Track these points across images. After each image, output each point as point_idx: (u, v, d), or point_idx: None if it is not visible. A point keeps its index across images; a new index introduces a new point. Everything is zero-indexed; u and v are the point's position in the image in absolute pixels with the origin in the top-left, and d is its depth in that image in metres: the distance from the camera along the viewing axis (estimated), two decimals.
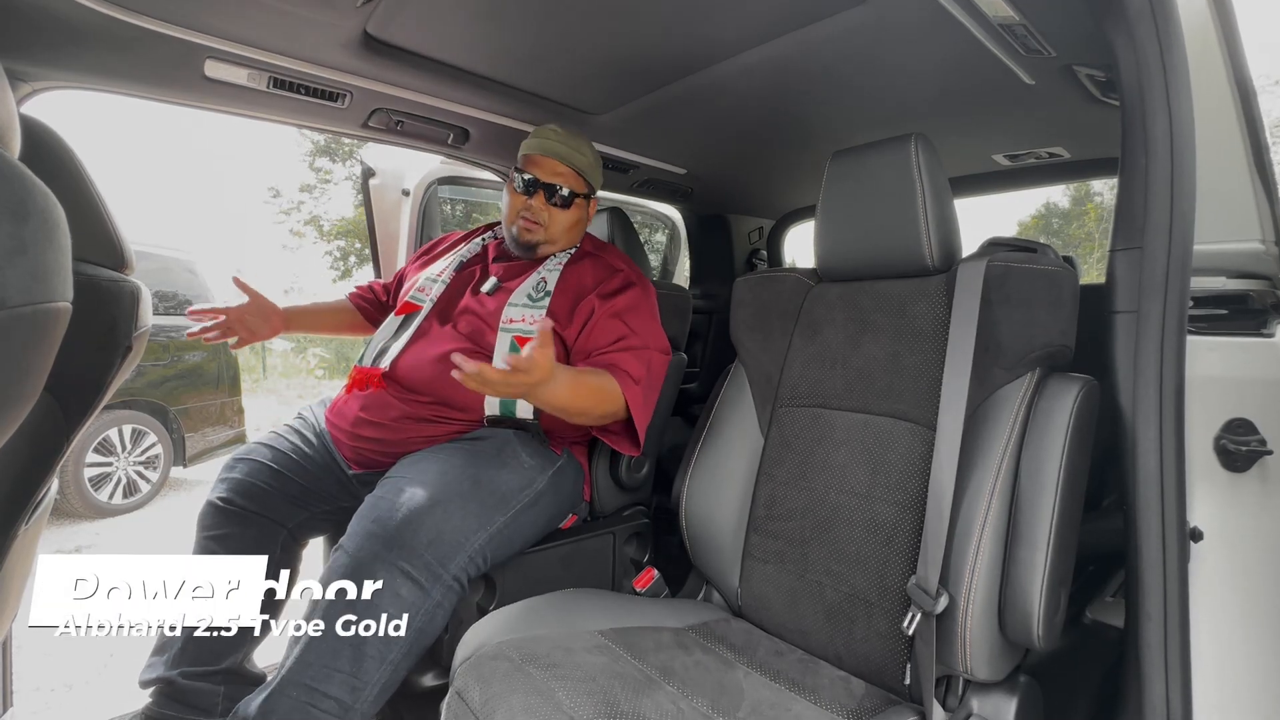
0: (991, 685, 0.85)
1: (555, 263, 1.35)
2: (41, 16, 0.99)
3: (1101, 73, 1.20)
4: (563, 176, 1.32)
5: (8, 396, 0.37)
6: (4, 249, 0.28)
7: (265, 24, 1.10)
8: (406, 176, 1.99)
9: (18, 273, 0.30)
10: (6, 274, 0.29)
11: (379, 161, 1.99)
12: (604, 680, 0.81)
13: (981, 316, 0.89)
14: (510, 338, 1.23)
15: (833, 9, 1.07)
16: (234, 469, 1.25)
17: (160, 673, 1.12)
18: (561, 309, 1.26)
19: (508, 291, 1.30)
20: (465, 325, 1.26)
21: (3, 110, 0.33)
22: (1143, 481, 0.77)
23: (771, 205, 2.59)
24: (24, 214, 0.30)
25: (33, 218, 0.30)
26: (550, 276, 1.31)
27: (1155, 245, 0.77)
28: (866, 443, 1.01)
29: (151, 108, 1.47)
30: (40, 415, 0.74)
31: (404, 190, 1.98)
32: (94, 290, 0.83)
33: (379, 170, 1.98)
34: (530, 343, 0.88)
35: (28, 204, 0.30)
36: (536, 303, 1.27)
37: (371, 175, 1.97)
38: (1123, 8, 0.78)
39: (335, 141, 11.63)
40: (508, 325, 1.24)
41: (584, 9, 1.10)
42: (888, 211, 1.03)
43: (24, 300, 0.30)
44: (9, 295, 0.29)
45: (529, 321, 1.24)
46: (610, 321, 1.24)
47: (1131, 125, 0.81)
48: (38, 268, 0.31)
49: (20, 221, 0.29)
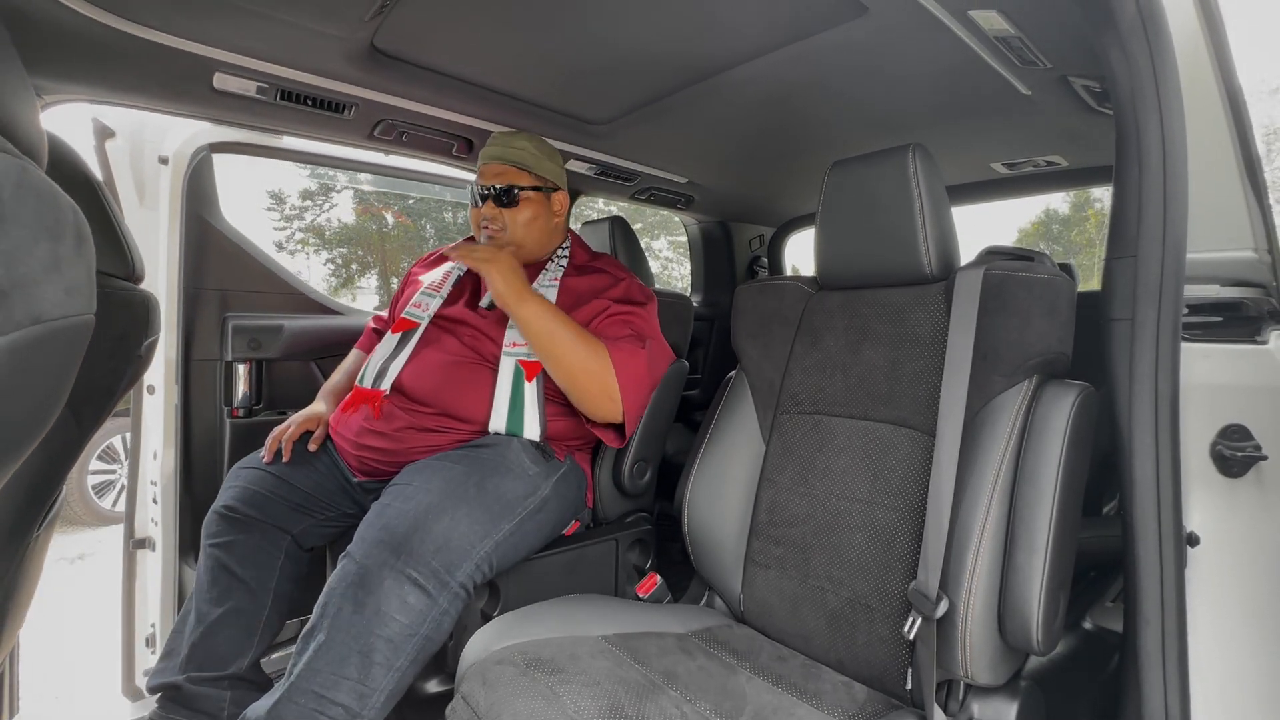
0: (992, 689, 0.86)
1: (550, 277, 1.36)
2: (55, 31, 1.01)
3: (1097, 83, 1.21)
4: (501, 176, 1.34)
5: (42, 406, 0.38)
6: (42, 266, 0.30)
7: (274, 38, 1.12)
8: (166, 139, 1.49)
9: (54, 288, 0.31)
10: (44, 290, 0.30)
11: (121, 120, 1.45)
12: (608, 685, 0.82)
13: (979, 324, 0.90)
14: (515, 362, 1.24)
15: (831, 22, 1.09)
16: (238, 477, 1.26)
17: (167, 678, 1.13)
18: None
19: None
20: (467, 338, 1.27)
21: (33, 129, 0.35)
22: (1139, 487, 0.78)
23: (772, 213, 2.61)
24: (59, 232, 0.31)
25: (66, 235, 0.32)
26: (549, 293, 1.32)
27: (1149, 253, 0.78)
28: (867, 449, 1.02)
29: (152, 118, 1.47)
30: (55, 424, 0.76)
31: (161, 158, 1.48)
32: (106, 300, 0.84)
33: (120, 130, 1.45)
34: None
35: (62, 222, 0.32)
36: None
37: (109, 135, 1.45)
38: (1115, 21, 0.79)
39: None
40: (511, 349, 1.26)
41: (586, 21, 1.12)
42: (886, 221, 1.04)
43: (59, 314, 0.32)
44: (45, 310, 0.31)
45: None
46: (614, 320, 1.26)
47: (1125, 136, 0.82)
48: (70, 282, 0.33)
49: (56, 240, 0.31)
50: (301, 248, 13.31)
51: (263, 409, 1.63)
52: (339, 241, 13.77)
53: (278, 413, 1.64)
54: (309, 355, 1.70)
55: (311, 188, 13.05)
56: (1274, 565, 0.79)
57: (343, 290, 13.42)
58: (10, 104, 0.30)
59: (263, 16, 1.05)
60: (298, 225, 13.01)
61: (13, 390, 0.31)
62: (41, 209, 0.30)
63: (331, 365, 1.63)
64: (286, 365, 1.66)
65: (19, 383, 0.31)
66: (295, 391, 1.66)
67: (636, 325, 1.27)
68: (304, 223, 12.85)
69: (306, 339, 1.69)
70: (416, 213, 14.46)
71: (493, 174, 1.34)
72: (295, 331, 1.67)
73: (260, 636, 1.19)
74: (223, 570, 1.19)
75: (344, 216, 14.15)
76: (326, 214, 13.75)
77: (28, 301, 0.29)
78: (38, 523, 0.85)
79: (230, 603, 1.17)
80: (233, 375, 1.58)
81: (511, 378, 1.23)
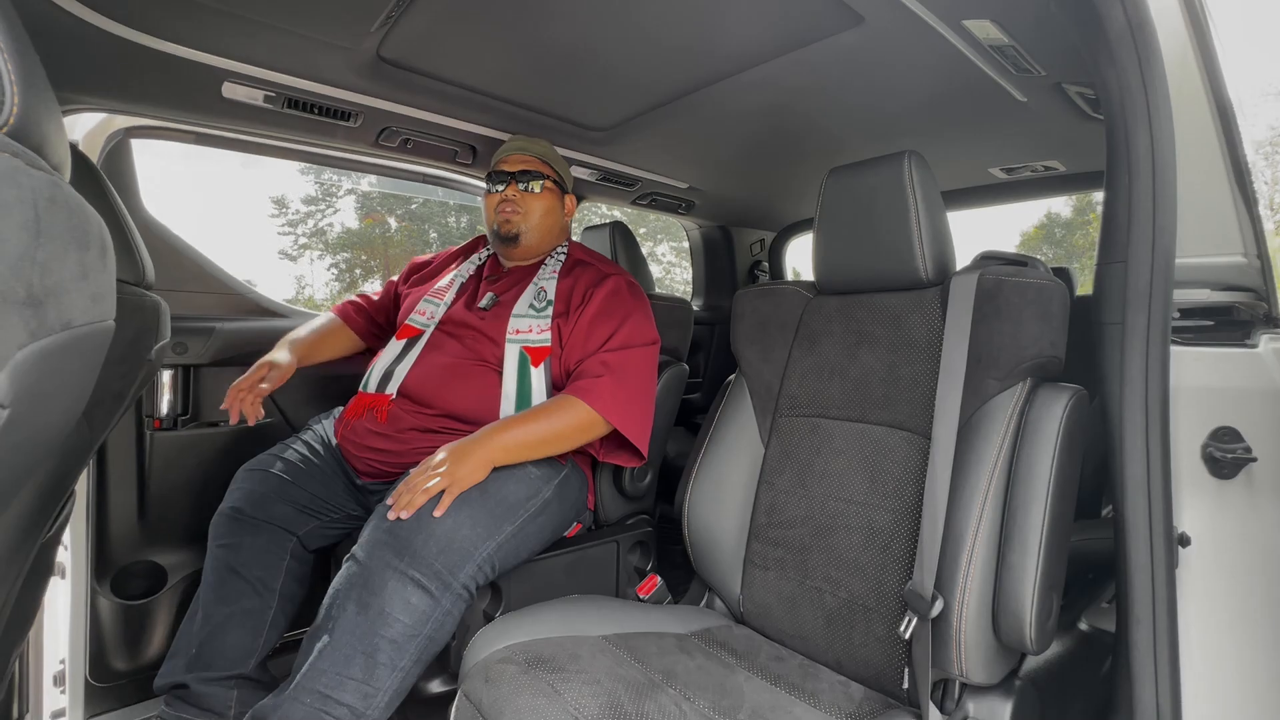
0: (987, 689, 0.87)
1: (549, 271, 1.39)
2: (72, 43, 1.03)
3: (1091, 90, 1.23)
4: (526, 163, 1.41)
5: (69, 410, 0.40)
6: (72, 275, 0.32)
7: (283, 48, 1.14)
8: (78, 123, 1.33)
9: (82, 296, 0.33)
10: (74, 298, 0.32)
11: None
12: (608, 683, 0.83)
13: (974, 328, 0.92)
14: (519, 349, 1.27)
15: (829, 31, 1.11)
16: (245, 480, 1.28)
17: (174, 677, 1.15)
18: (562, 319, 1.31)
19: (506, 305, 1.34)
20: (468, 341, 1.30)
21: (61, 143, 0.37)
22: (1130, 487, 0.79)
23: (773, 218, 2.63)
24: (86, 242, 0.33)
25: (93, 245, 0.34)
26: (549, 286, 1.35)
27: (1139, 259, 0.80)
28: (864, 451, 1.04)
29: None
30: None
31: (71, 143, 1.23)
32: (120, 305, 0.86)
33: None
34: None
35: (89, 233, 0.34)
36: (541, 312, 1.31)
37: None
38: (1104, 31, 0.81)
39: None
40: (514, 336, 1.28)
41: (589, 30, 1.14)
42: (882, 227, 1.06)
43: (86, 320, 0.34)
44: (74, 316, 0.33)
45: (537, 332, 1.28)
46: (593, 361, 1.26)
47: (1115, 143, 0.84)
48: (96, 290, 0.35)
49: (84, 249, 0.33)
50: (304, 253, 13.39)
51: (191, 421, 1.47)
52: (342, 246, 13.84)
53: (208, 424, 1.48)
54: (246, 361, 1.47)
55: (314, 193, 13.13)
56: (1264, 565, 0.80)
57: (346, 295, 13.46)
58: (42, 122, 0.32)
59: (272, 28, 1.08)
60: (301, 230, 13.08)
61: (44, 394, 0.33)
62: (72, 221, 0.32)
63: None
64: (219, 372, 1.48)
65: (50, 387, 0.33)
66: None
67: (612, 355, 1.26)
68: (307, 228, 12.93)
69: (242, 343, 1.51)
70: (420, 217, 14.54)
71: (518, 162, 1.41)
72: (229, 334, 1.49)
73: (266, 637, 1.21)
74: (229, 571, 1.20)
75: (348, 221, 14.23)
76: (329, 219, 13.83)
77: (59, 308, 0.31)
78: (48, 525, 0.87)
79: (237, 603, 1.19)
80: (155, 383, 1.41)
81: (517, 365, 1.26)
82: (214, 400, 1.49)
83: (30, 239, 0.29)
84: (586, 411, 1.19)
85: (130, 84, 1.18)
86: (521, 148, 1.43)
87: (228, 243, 29.16)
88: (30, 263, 0.29)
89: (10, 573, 0.78)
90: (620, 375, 1.24)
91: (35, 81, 0.33)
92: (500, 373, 1.27)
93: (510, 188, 1.39)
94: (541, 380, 1.26)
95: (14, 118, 0.30)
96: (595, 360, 1.25)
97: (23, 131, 0.31)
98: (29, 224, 0.28)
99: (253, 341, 1.52)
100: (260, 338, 1.51)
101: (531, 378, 1.26)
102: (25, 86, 0.31)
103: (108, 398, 0.90)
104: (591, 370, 1.24)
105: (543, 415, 1.18)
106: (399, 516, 0.99)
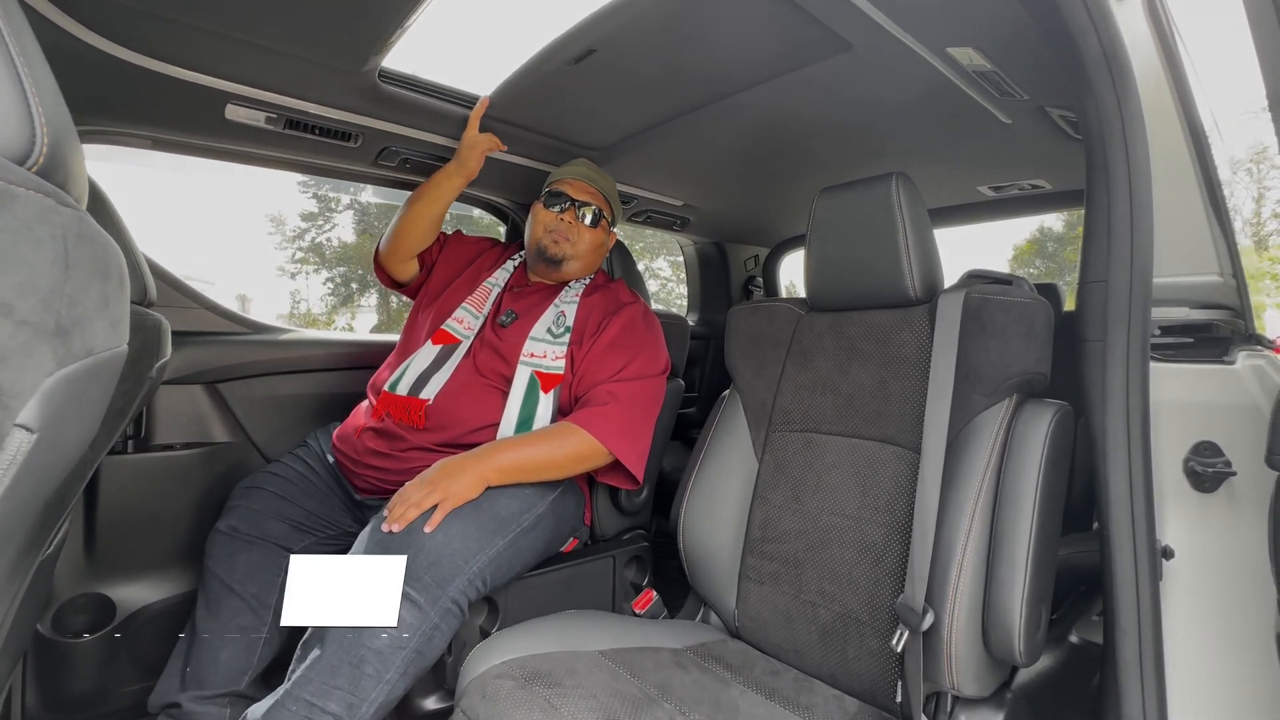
0: (979, 701, 0.88)
1: (572, 294, 1.40)
2: (78, 66, 1.05)
3: (1072, 113, 1.27)
4: (592, 196, 1.43)
5: (87, 432, 0.41)
6: (95, 305, 0.33)
7: (286, 71, 1.17)
8: None
9: (103, 324, 0.35)
10: (96, 326, 0.34)
11: None
12: (605, 697, 0.84)
13: (960, 345, 0.94)
14: (530, 372, 1.27)
15: (819, 56, 1.14)
16: (240, 497, 1.28)
17: (168, 697, 1.14)
18: (576, 346, 1.32)
19: (524, 324, 1.34)
20: (484, 359, 1.30)
21: (83, 176, 0.39)
22: (1114, 501, 0.81)
23: (767, 234, 2.66)
24: (108, 273, 0.35)
25: (113, 275, 0.36)
26: (569, 310, 1.36)
27: (1119, 278, 0.82)
28: (856, 466, 1.05)
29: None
30: None
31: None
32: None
33: None
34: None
35: (109, 263, 0.36)
36: (559, 339, 1.32)
37: None
38: (1080, 58, 0.84)
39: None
40: (528, 359, 1.28)
41: (585, 51, 1.17)
42: (871, 246, 1.08)
43: (105, 346, 0.35)
44: (96, 344, 0.34)
45: (551, 358, 1.29)
46: (600, 389, 1.27)
47: (1094, 166, 0.87)
48: (114, 317, 0.36)
49: (105, 279, 0.34)
50: (301, 267, 13.41)
51: (145, 443, 1.35)
52: (338, 260, 13.86)
53: (162, 447, 1.36)
54: (208, 378, 1.41)
55: (313, 209, 13.19)
56: (1246, 577, 0.82)
57: (342, 309, 13.45)
58: (68, 158, 0.34)
59: (275, 52, 1.10)
60: (298, 246, 13.12)
61: (67, 418, 0.34)
62: (96, 253, 0.34)
63: (240, 389, 1.40)
64: (177, 391, 1.37)
65: (72, 411, 0.34)
66: (188, 423, 1.38)
67: (621, 385, 1.27)
68: (305, 243, 12.96)
69: (203, 358, 1.40)
70: None
71: (584, 192, 1.43)
72: (187, 349, 1.37)
73: (260, 654, 1.20)
74: (224, 589, 1.20)
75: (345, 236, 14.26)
76: (327, 234, 13.86)
77: (84, 337, 0.33)
78: (48, 542, 0.87)
79: (231, 621, 1.19)
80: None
81: (525, 387, 1.26)
82: (167, 421, 1.35)
83: (60, 273, 0.30)
84: (588, 441, 1.19)
85: (137, 108, 1.20)
86: (589, 177, 1.44)
87: (228, 243, 29.04)
88: (60, 295, 0.30)
89: (8, 592, 0.79)
90: (626, 406, 1.24)
91: (60, 120, 0.35)
92: (506, 392, 1.27)
93: (569, 213, 1.40)
94: (548, 407, 1.26)
95: (43, 158, 0.32)
96: (603, 389, 1.25)
97: (50, 170, 0.32)
98: (59, 259, 0.30)
99: (218, 356, 1.42)
100: (224, 352, 1.43)
101: (539, 403, 1.26)
102: (53, 127, 0.33)
103: (110, 415, 0.91)
104: (598, 399, 1.24)
105: (542, 440, 1.18)
106: (390, 529, 1.00)
